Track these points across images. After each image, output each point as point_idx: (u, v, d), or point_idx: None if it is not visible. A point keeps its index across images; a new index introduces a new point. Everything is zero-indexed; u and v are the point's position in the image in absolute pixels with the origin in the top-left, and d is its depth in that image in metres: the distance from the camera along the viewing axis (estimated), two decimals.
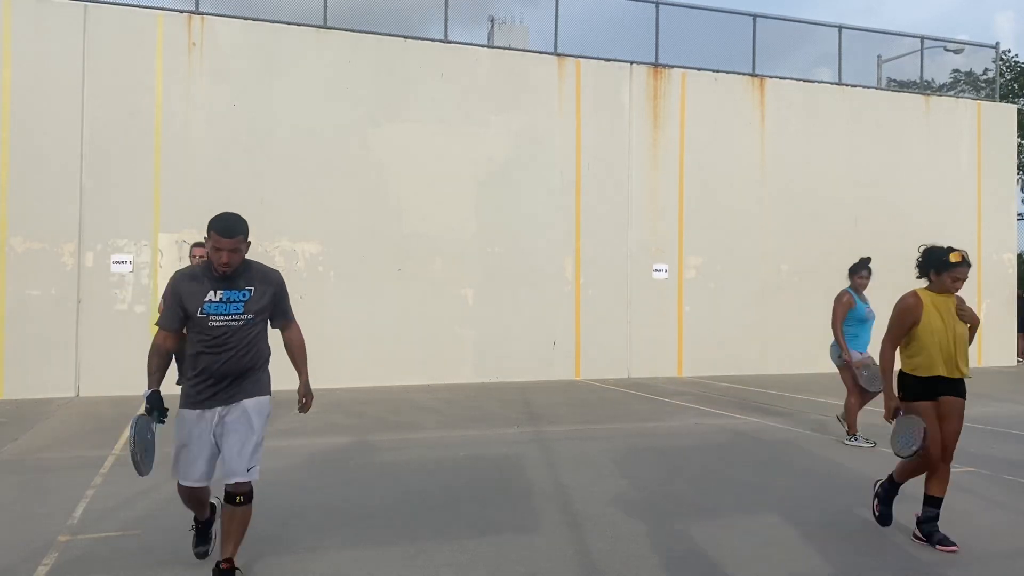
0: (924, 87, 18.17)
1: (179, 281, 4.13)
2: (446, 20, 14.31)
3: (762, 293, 15.96)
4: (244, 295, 4.14)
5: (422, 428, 9.50)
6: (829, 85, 16.88)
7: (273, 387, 4.37)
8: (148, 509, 5.68)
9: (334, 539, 5.09)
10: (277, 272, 4.34)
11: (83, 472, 6.80)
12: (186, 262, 12.44)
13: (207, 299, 4.07)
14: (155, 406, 4.10)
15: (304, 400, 4.40)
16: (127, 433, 3.83)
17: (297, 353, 4.41)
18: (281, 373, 4.70)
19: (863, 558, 4.79)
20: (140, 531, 5.20)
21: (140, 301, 12.43)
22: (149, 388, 4.12)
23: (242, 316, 4.11)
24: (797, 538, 5.13)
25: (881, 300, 10.49)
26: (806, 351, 15.76)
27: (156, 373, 4.15)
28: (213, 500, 4.55)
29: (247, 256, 4.19)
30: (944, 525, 5.03)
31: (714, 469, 7.24)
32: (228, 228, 4.01)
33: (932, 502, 5.04)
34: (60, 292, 12.05)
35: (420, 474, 6.94)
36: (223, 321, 4.08)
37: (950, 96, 19.51)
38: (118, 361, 12.02)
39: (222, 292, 4.09)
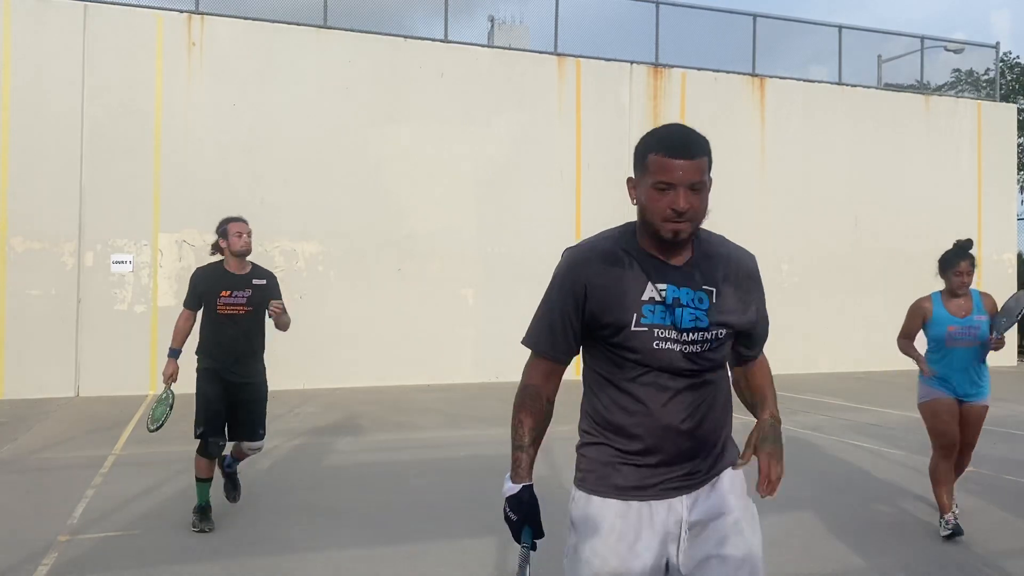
0: (924, 87, 18.16)
1: (582, 263, 2.37)
2: (446, 20, 14.30)
3: None
4: (702, 296, 2.19)
5: (422, 428, 9.50)
6: (829, 85, 16.88)
7: (272, 386, 4.08)
8: (148, 509, 5.67)
9: (334, 539, 5.09)
10: (752, 256, 2.35)
11: (83, 472, 6.80)
12: (187, 262, 12.54)
13: (646, 296, 2.21)
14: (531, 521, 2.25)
15: None
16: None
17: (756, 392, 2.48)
18: (283, 372, 4.61)
19: (864, 558, 4.78)
20: (140, 531, 5.19)
21: (140, 301, 12.42)
22: (514, 480, 2.26)
23: (706, 333, 2.19)
24: (798, 538, 5.13)
25: (881, 300, 10.51)
26: (806, 351, 15.75)
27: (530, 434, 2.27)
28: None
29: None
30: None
31: None
32: (686, 143, 2.10)
33: None
34: (60, 292, 12.05)
35: (420, 474, 6.94)
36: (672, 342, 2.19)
37: (950, 96, 19.49)
38: (118, 361, 12.04)
39: (666, 287, 2.19)
